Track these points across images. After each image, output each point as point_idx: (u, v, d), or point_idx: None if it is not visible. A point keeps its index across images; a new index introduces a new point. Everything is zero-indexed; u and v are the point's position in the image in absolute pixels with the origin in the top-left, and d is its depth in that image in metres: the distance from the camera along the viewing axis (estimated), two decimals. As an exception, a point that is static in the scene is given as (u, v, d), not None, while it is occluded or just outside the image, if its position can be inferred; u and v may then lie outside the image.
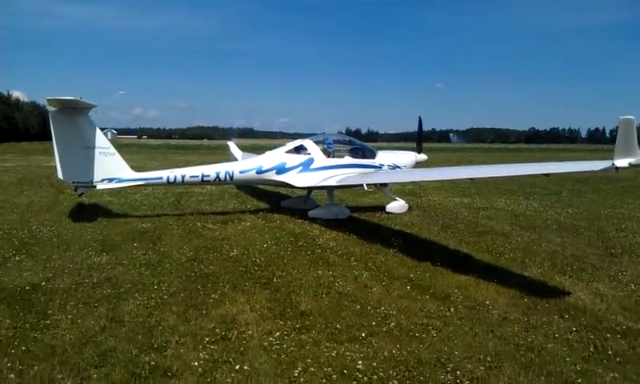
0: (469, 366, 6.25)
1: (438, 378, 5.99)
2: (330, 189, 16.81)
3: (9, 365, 6.08)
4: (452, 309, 8.19)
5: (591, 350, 6.82)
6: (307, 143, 16.97)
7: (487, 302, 8.47)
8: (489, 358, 6.45)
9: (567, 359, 6.51)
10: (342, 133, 29.33)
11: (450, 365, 6.26)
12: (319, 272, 10.14)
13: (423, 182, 20.92)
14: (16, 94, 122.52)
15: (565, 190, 25.30)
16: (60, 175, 14.26)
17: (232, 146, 25.96)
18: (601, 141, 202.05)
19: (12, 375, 5.85)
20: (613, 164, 8.90)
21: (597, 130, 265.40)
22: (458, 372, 6.09)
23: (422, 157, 18.98)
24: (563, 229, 15.04)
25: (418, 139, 20.30)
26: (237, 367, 6.12)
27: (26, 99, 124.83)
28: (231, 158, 22.45)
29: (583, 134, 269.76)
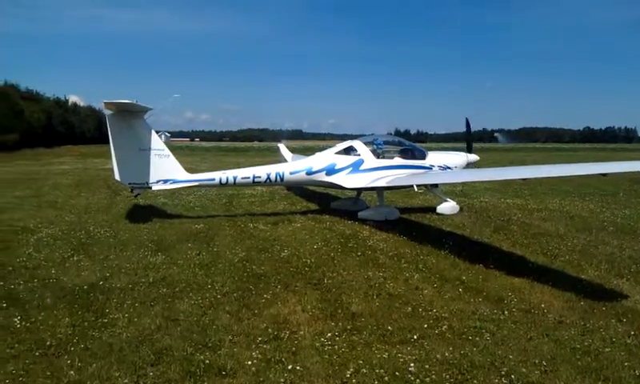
0: (523, 370, 6.14)
1: (492, 381, 5.91)
2: (379, 190, 16.76)
3: (68, 362, 6.27)
4: (506, 312, 8.06)
5: (650, 355, 6.62)
6: (357, 144, 16.96)
7: (542, 305, 8.30)
8: (544, 362, 6.33)
9: (625, 364, 6.32)
10: (390, 133, 29.13)
11: (505, 368, 6.17)
12: (369, 273, 10.13)
13: (475, 182, 20.57)
14: (73, 98, 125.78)
15: (621, 190, 24.57)
16: (117, 177, 14.68)
17: (282, 147, 26.14)
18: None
19: (72, 372, 6.03)
20: None
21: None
22: (513, 376, 5.99)
23: (474, 157, 18.68)
24: (620, 230, 14.62)
25: (466, 139, 20.01)
26: (289, 367, 6.17)
27: (82, 104, 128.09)
28: (281, 160, 22.64)
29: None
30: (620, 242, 13.09)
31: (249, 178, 15.83)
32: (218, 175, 15.70)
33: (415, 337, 7.09)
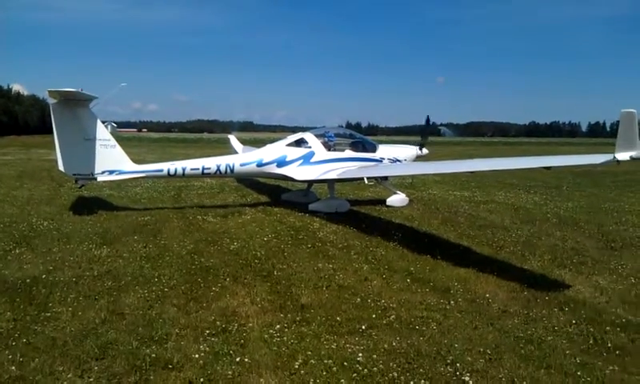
0: (469, 359, 6.27)
1: (437, 370, 6.01)
2: (330, 182, 16.81)
3: (10, 357, 6.08)
4: (452, 302, 8.21)
5: (591, 342, 6.85)
6: (308, 136, 16.96)
7: (487, 295, 8.49)
8: (489, 351, 6.47)
9: (567, 352, 6.53)
10: (342, 126, 29.20)
11: (450, 357, 6.28)
12: (319, 265, 10.15)
13: (423, 175, 20.88)
14: (16, 87, 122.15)
15: (565, 183, 25.35)
16: (61, 167, 14.26)
17: (232, 139, 25.90)
18: (601, 135, 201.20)
19: (13, 367, 5.85)
20: (614, 157, 8.90)
21: (597, 123, 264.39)
22: (458, 364, 6.10)
23: (424, 151, 18.94)
24: (563, 222, 15.06)
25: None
26: (237, 359, 6.13)
27: (26, 93, 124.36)
28: (232, 152, 22.43)
29: (583, 128, 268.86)
30: (563, 233, 13.49)
31: (198, 169, 15.63)
32: (166, 166, 15.44)
33: (363, 327, 7.15)
